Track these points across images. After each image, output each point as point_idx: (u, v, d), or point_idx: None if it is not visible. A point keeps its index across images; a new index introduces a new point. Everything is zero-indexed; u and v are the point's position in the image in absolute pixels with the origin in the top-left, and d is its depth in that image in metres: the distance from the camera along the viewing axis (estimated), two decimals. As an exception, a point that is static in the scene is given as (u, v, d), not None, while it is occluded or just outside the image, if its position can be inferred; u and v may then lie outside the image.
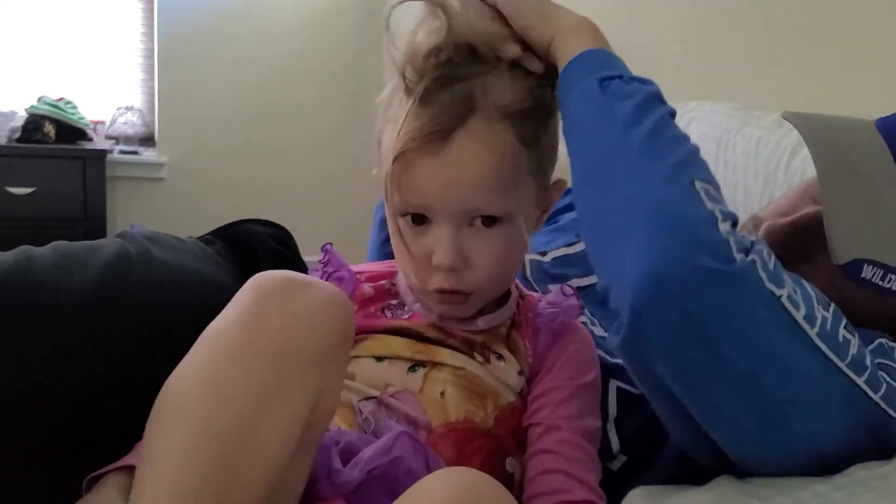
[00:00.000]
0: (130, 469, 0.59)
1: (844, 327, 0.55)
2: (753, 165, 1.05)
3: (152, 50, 3.27)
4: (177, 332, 0.74)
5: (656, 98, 0.60)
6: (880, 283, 0.64)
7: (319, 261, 0.76)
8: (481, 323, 0.72)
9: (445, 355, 0.69)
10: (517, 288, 0.76)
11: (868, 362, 0.54)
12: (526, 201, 0.67)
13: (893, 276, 0.64)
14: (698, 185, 0.53)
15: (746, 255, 0.51)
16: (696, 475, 0.60)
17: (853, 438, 0.54)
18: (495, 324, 0.72)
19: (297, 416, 0.52)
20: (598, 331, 0.82)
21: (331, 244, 0.76)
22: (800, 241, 0.72)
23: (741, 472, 0.56)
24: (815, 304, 0.54)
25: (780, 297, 0.51)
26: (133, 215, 3.21)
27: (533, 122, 0.65)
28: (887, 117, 0.72)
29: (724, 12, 1.55)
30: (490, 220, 0.65)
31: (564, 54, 0.64)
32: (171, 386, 0.54)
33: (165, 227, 0.87)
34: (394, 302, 0.73)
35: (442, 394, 0.67)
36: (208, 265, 0.82)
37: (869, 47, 1.21)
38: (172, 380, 0.54)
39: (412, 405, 0.67)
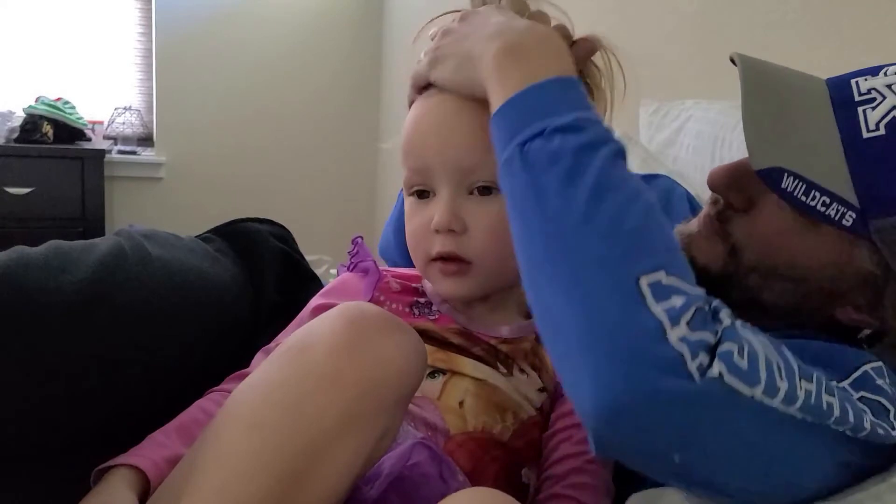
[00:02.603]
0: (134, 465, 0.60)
1: (825, 390, 0.52)
2: (750, 163, 1.05)
3: (150, 50, 3.27)
4: (174, 329, 0.75)
5: (586, 148, 0.53)
6: (804, 198, 0.61)
7: (349, 252, 0.77)
8: (505, 331, 0.71)
9: (467, 366, 0.69)
10: None
11: (852, 415, 0.53)
12: None
13: (818, 194, 0.61)
14: (643, 281, 0.48)
15: (710, 363, 0.47)
16: None
17: (850, 471, 0.55)
18: (520, 335, 0.72)
19: (363, 453, 0.53)
20: None
21: (361, 237, 0.78)
22: (743, 185, 0.70)
23: None
24: (798, 379, 0.51)
25: (753, 396, 0.48)
26: (131, 215, 3.22)
27: None
28: (837, 76, 0.70)
29: (723, 10, 1.55)
30: (486, 190, 0.66)
31: (492, 112, 0.59)
32: (245, 393, 0.55)
33: (164, 227, 0.87)
34: (422, 300, 0.74)
35: (461, 403, 0.67)
36: (206, 261, 0.83)
37: (867, 45, 1.21)
38: (248, 388, 0.55)
39: (431, 411, 0.66)
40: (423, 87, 0.70)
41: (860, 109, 0.64)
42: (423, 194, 0.69)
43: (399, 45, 3.33)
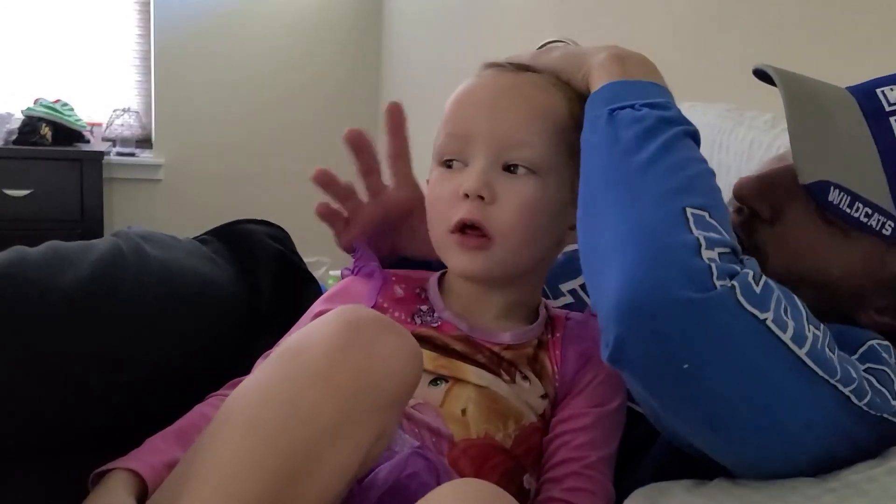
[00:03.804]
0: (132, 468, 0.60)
1: (828, 345, 0.54)
2: (746, 167, 1.05)
3: (149, 52, 3.28)
4: (172, 329, 0.75)
5: (667, 121, 0.59)
6: (848, 210, 0.64)
7: (352, 255, 0.77)
8: (508, 337, 0.70)
9: (470, 373, 0.68)
10: (546, 308, 0.75)
11: (855, 374, 0.54)
12: (562, 176, 0.67)
13: (861, 206, 0.64)
14: (690, 211, 0.53)
15: (729, 281, 0.50)
16: (686, 465, 0.60)
17: (846, 441, 0.55)
18: (523, 341, 0.71)
19: (359, 454, 0.53)
20: None
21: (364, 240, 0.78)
22: (770, 196, 0.71)
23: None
24: (806, 322, 0.53)
25: (765, 320, 0.50)
26: (130, 217, 3.22)
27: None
28: (856, 84, 0.72)
29: (719, 12, 1.56)
30: (520, 170, 0.66)
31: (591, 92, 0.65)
32: (242, 393, 0.55)
33: (162, 229, 0.87)
34: (424, 308, 0.73)
35: (463, 411, 0.66)
36: (203, 263, 0.83)
37: (863, 47, 1.21)
38: (245, 388, 0.55)
39: (434, 418, 0.66)
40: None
41: (892, 120, 0.66)
42: (454, 165, 0.68)
43: (398, 48, 3.34)
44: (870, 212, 0.64)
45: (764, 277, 0.53)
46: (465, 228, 0.66)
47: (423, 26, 3.05)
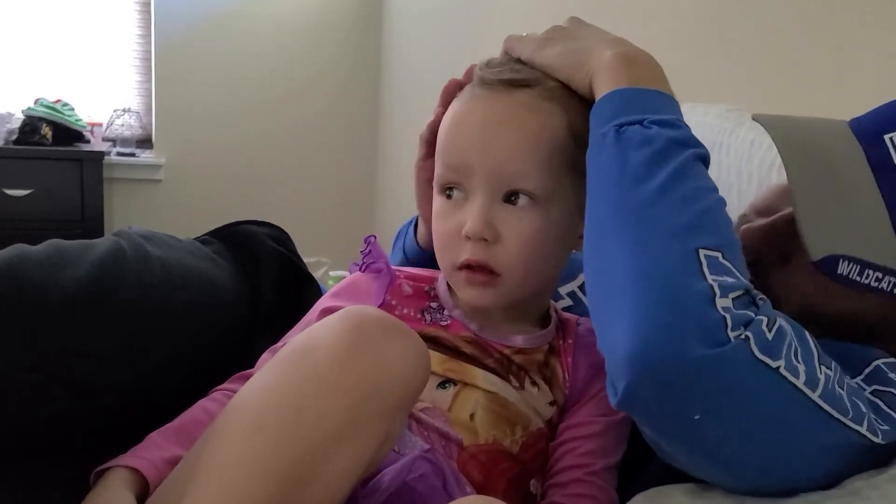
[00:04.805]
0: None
1: (838, 382, 0.54)
2: (747, 167, 1.05)
3: (149, 52, 3.28)
4: (172, 329, 0.75)
5: (678, 143, 0.57)
6: (858, 279, 0.63)
7: (361, 251, 0.75)
8: (520, 341, 0.70)
9: (479, 378, 0.68)
10: (556, 311, 0.75)
11: (864, 409, 0.54)
12: (566, 196, 0.66)
13: (871, 272, 0.63)
14: (703, 253, 0.52)
15: (744, 331, 0.50)
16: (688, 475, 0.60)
17: (856, 471, 0.55)
18: (534, 345, 0.71)
19: (365, 457, 0.53)
20: None
21: (374, 236, 0.76)
22: (778, 243, 0.71)
23: None
24: (818, 363, 0.53)
25: (778, 368, 0.50)
26: (130, 217, 3.21)
27: (586, 120, 0.64)
28: (860, 117, 0.71)
29: (720, 13, 1.56)
30: (522, 199, 0.65)
31: (597, 98, 0.63)
32: (248, 397, 0.55)
33: (163, 229, 0.87)
34: (434, 304, 0.72)
35: (471, 416, 0.66)
36: (204, 263, 0.83)
37: (863, 49, 1.21)
38: (250, 392, 0.55)
39: (443, 422, 0.66)
40: (485, 83, 0.68)
41: None
42: (454, 195, 0.67)
43: (398, 48, 3.34)
44: (880, 276, 0.64)
45: (777, 321, 0.52)
46: (472, 267, 0.66)
47: (423, 26, 3.05)
